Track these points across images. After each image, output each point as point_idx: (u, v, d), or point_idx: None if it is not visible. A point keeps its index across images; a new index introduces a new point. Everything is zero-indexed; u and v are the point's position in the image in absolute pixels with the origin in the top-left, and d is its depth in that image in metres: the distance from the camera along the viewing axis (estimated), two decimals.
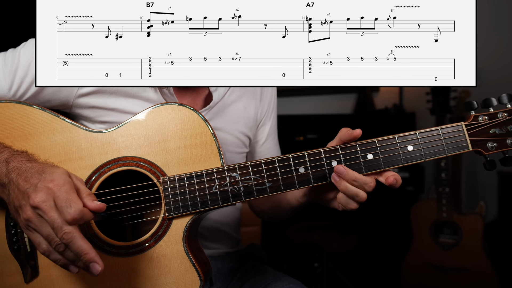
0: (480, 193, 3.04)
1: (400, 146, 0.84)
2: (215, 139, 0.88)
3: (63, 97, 0.98)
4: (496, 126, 0.83)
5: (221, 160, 0.88)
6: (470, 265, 2.35)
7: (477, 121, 0.84)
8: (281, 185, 0.85)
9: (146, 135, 0.88)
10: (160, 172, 0.87)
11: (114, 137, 0.88)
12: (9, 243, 0.86)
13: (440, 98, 2.46)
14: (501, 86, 2.87)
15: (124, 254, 0.86)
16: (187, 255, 0.86)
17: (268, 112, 1.22)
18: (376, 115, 3.15)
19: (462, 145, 0.83)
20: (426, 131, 0.84)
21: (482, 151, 0.84)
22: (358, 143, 0.84)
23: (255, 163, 0.85)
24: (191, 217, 0.86)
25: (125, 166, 0.87)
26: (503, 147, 0.83)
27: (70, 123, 0.89)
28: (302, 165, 0.85)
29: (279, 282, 1.03)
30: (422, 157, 0.83)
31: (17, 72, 0.93)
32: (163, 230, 0.86)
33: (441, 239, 2.46)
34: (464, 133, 0.83)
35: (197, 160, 0.87)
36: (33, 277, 0.85)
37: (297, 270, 3.05)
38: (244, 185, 0.85)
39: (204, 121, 0.88)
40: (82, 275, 0.86)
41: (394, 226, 2.82)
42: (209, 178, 0.85)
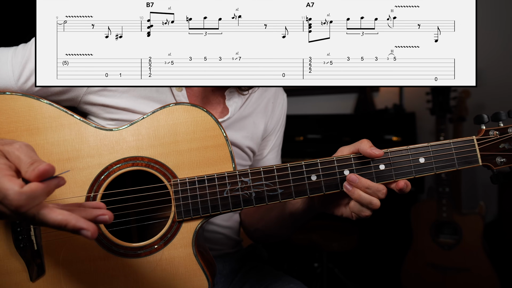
0: (480, 193, 3.04)
1: (412, 157, 0.84)
2: (228, 143, 0.87)
3: (73, 92, 0.95)
4: (506, 141, 0.84)
5: (233, 164, 0.87)
6: (470, 265, 2.35)
7: (488, 136, 0.84)
8: (293, 192, 0.84)
9: (157, 135, 0.87)
10: (171, 174, 0.86)
11: (124, 136, 0.87)
12: (14, 241, 0.85)
13: (440, 98, 2.46)
14: (501, 86, 2.87)
15: (133, 255, 0.85)
16: (196, 258, 0.85)
17: (275, 129, 1.21)
18: (376, 115, 3.15)
19: (472, 159, 0.84)
20: (438, 144, 0.84)
21: (491, 166, 0.84)
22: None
23: (268, 169, 0.84)
24: (201, 220, 0.86)
25: (134, 166, 0.86)
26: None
27: (78, 119, 0.87)
28: (315, 173, 0.84)
29: (279, 282, 1.03)
30: (433, 169, 0.84)
31: (27, 64, 0.91)
32: (172, 233, 0.86)
33: (441, 239, 2.46)
34: (475, 147, 0.84)
35: (208, 163, 0.86)
36: (39, 275, 0.85)
37: (297, 270, 3.05)
38: (256, 191, 0.84)
39: (217, 123, 0.87)
40: (89, 275, 0.85)
41: (394, 226, 2.82)
42: (220, 182, 0.84)
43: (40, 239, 0.86)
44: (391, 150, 0.84)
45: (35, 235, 0.85)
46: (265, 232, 1.16)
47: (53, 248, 0.86)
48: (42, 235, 0.86)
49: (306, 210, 0.97)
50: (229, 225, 1.17)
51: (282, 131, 1.26)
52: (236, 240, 1.22)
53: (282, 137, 1.27)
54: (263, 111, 1.15)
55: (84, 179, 0.86)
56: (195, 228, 0.86)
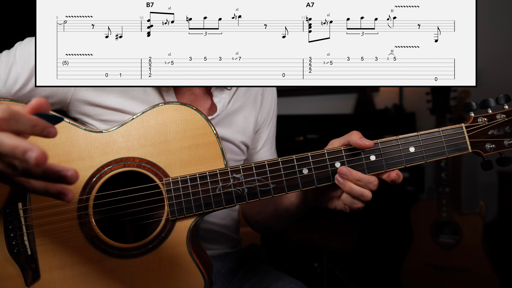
0: (480, 193, 3.04)
1: (402, 147, 0.85)
2: (218, 140, 0.88)
3: (62, 93, 0.96)
4: (495, 127, 0.85)
5: (224, 161, 0.87)
6: (470, 265, 2.35)
7: (476, 123, 0.85)
8: (285, 186, 0.85)
9: (147, 135, 0.87)
10: (163, 173, 0.86)
11: (115, 137, 0.87)
12: (8, 247, 0.85)
13: (440, 98, 2.46)
14: (501, 86, 2.87)
15: (128, 256, 0.85)
16: (191, 257, 0.85)
17: (266, 121, 1.21)
18: (376, 115, 3.15)
19: (462, 146, 0.85)
20: (427, 133, 0.85)
21: (481, 152, 0.85)
22: None
23: (259, 164, 0.85)
24: (195, 218, 0.86)
25: (126, 167, 0.86)
26: (501, 148, 0.85)
27: (68, 122, 0.88)
28: (306, 166, 0.85)
29: (280, 282, 1.03)
30: (423, 158, 0.85)
31: (12, 68, 0.92)
32: (166, 232, 0.86)
33: (441, 239, 2.46)
34: (464, 134, 0.85)
35: (200, 161, 0.87)
36: (34, 280, 0.85)
37: (297, 270, 3.05)
38: (248, 187, 0.85)
39: (207, 121, 0.88)
40: (85, 278, 0.85)
41: (394, 226, 2.82)
42: (212, 179, 0.85)
43: (34, 243, 0.85)
44: (381, 140, 0.85)
45: (28, 240, 0.85)
46: (265, 224, 1.18)
47: (48, 252, 0.86)
48: (36, 240, 0.86)
49: (301, 204, 0.98)
50: (226, 224, 1.17)
51: (274, 122, 1.26)
52: (235, 239, 1.22)
53: (274, 129, 1.27)
54: (252, 104, 1.15)
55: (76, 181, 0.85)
56: (189, 226, 0.86)
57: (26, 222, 0.85)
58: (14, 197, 0.86)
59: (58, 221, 0.86)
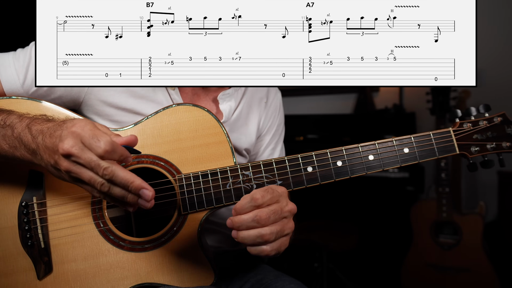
0: (480, 193, 3.04)
1: (397, 148, 0.91)
2: (228, 139, 0.91)
3: (76, 92, 0.97)
4: (478, 132, 0.93)
5: (234, 159, 0.91)
6: (470, 265, 2.35)
7: (462, 128, 0.93)
8: (291, 183, 0.89)
9: (161, 134, 0.90)
10: (176, 170, 0.89)
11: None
12: (22, 240, 0.86)
13: (440, 98, 2.46)
14: (501, 86, 2.87)
15: (140, 249, 0.88)
16: (202, 250, 0.88)
17: (270, 129, 1.22)
18: (376, 115, 3.15)
19: (450, 148, 0.92)
20: (420, 135, 0.92)
21: (467, 154, 0.93)
22: (360, 144, 0.89)
23: (267, 162, 0.89)
24: (206, 213, 0.89)
25: (140, 164, 0.89)
26: (484, 151, 0.93)
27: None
28: (310, 165, 0.89)
29: (280, 282, 1.03)
30: (416, 158, 0.91)
31: (29, 69, 0.93)
32: (178, 226, 0.89)
33: (441, 239, 2.46)
34: (452, 137, 0.92)
35: (211, 158, 0.90)
36: (47, 273, 0.86)
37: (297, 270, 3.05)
38: (257, 183, 0.88)
39: (217, 121, 0.91)
40: (97, 271, 0.87)
41: (394, 226, 2.82)
42: (223, 176, 0.88)
43: (47, 237, 0.87)
44: (378, 142, 0.90)
45: (42, 233, 0.86)
46: None
47: (61, 245, 0.87)
48: (50, 233, 0.87)
49: None
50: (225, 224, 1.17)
51: (280, 129, 1.26)
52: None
53: (280, 136, 1.27)
54: (256, 111, 1.16)
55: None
56: (200, 220, 0.89)
57: (41, 215, 0.87)
58: (29, 191, 0.88)
59: (72, 215, 0.88)
